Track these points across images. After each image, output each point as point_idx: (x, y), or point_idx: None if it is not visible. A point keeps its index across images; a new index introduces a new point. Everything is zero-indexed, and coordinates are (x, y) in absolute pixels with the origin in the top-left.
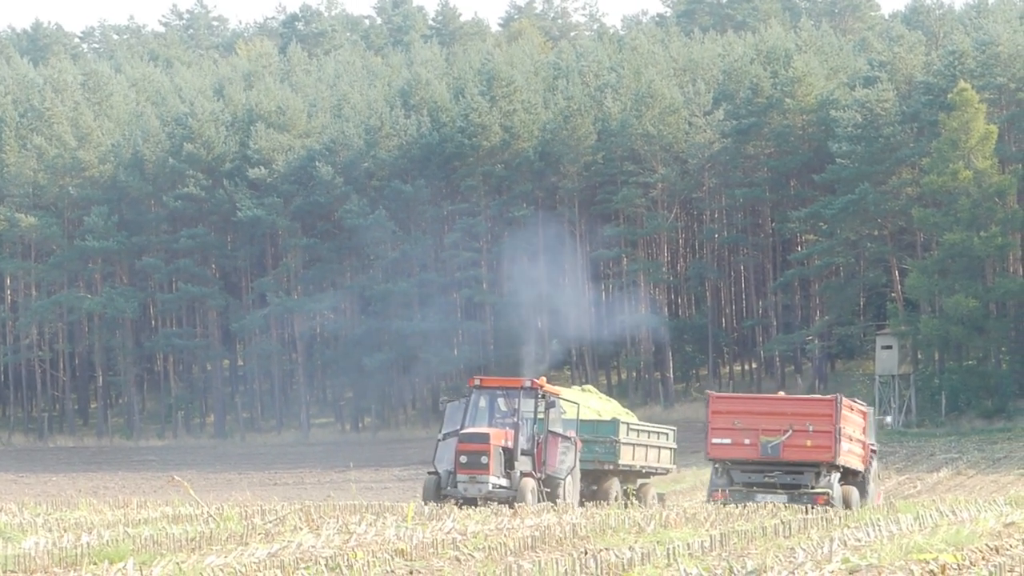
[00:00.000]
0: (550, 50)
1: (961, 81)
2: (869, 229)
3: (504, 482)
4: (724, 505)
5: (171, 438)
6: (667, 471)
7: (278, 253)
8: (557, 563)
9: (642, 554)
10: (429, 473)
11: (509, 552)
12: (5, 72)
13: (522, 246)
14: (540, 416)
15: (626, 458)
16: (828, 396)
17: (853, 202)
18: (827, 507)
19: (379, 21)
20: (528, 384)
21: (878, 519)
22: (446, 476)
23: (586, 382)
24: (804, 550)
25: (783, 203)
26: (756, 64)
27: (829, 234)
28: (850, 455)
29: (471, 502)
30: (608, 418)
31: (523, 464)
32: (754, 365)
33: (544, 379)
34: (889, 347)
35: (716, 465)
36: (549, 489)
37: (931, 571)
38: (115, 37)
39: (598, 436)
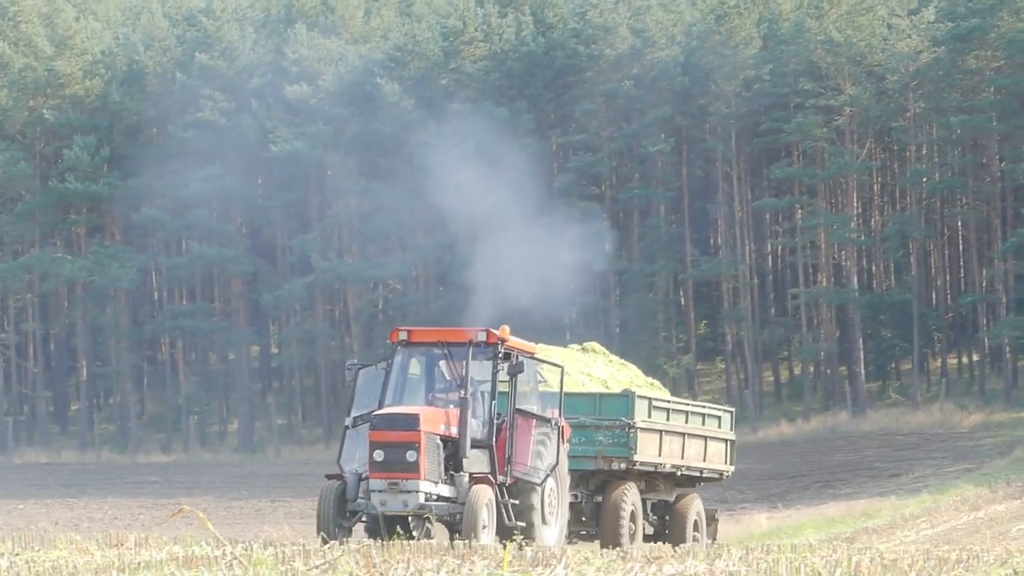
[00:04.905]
0: None
1: None
2: None
3: (445, 491)
4: None
5: (180, 452)
6: (719, 475)
7: (325, 201)
8: None
9: None
10: (328, 477)
11: None
12: None
13: (658, 193)
14: (502, 387)
15: (647, 453)
16: None
17: None
18: None
19: None
20: (481, 337)
21: None
22: (355, 482)
23: (745, 378)
24: None
25: (1015, 135)
26: None
27: None
28: None
29: (391, 522)
30: (618, 390)
31: (475, 463)
32: (975, 357)
33: (506, 329)
34: None
35: None
36: (518, 501)
37: None
38: None
39: (603, 419)
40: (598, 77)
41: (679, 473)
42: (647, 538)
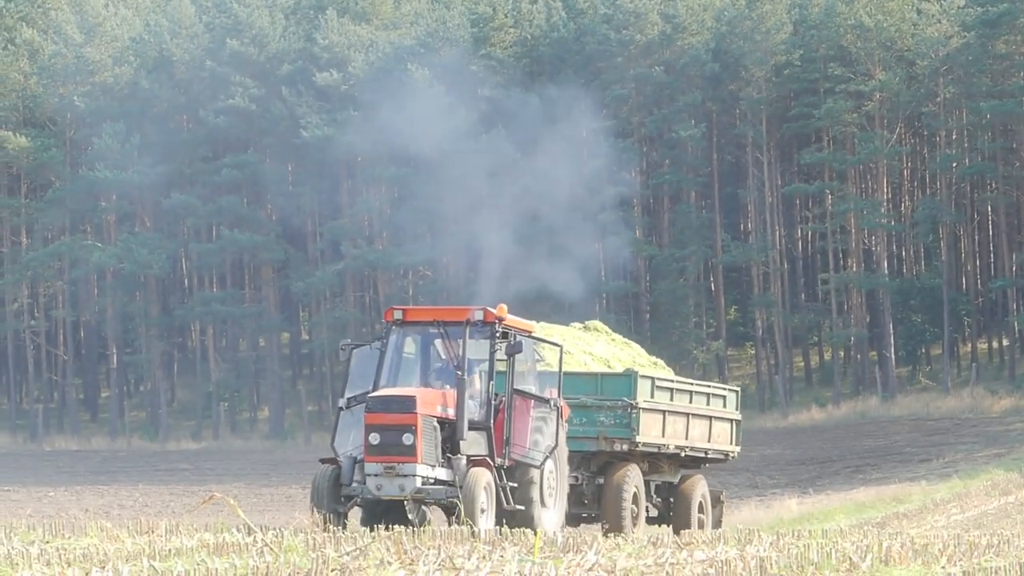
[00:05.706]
0: None
1: None
2: None
3: (442, 474)
4: None
5: (210, 439)
6: (725, 456)
7: (356, 187)
8: None
9: None
10: (322, 461)
11: None
12: None
13: (689, 179)
14: (500, 366)
15: (650, 434)
16: None
17: None
18: None
19: None
20: (478, 316)
21: None
22: (350, 466)
23: (775, 364)
24: None
25: None
26: None
27: None
28: None
29: (388, 508)
30: (620, 370)
31: (472, 445)
32: (1005, 342)
33: (504, 307)
34: None
35: None
36: (517, 484)
37: None
38: None
39: (604, 399)
40: (629, 63)
41: (683, 454)
42: (651, 521)
